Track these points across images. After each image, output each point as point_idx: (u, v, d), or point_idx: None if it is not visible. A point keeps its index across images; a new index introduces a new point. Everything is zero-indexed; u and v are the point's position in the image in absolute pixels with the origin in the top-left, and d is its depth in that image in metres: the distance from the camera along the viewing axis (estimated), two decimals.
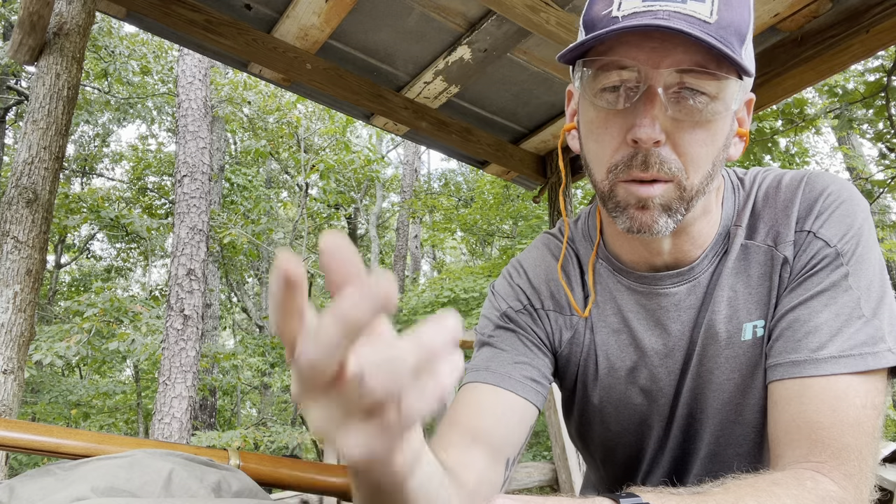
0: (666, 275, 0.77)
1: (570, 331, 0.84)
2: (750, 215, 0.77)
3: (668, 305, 0.78)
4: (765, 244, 0.75)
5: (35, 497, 0.57)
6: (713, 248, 0.77)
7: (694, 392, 0.80)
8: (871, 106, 4.49)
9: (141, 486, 0.60)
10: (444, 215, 11.78)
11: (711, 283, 0.77)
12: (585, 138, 0.72)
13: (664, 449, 0.85)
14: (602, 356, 0.83)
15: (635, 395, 0.83)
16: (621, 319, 0.81)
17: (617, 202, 0.68)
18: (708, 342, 0.77)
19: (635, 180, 0.65)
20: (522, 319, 0.84)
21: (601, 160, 0.68)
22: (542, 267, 0.87)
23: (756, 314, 0.74)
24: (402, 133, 2.86)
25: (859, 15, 2.10)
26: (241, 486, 0.68)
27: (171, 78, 11.08)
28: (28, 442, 0.67)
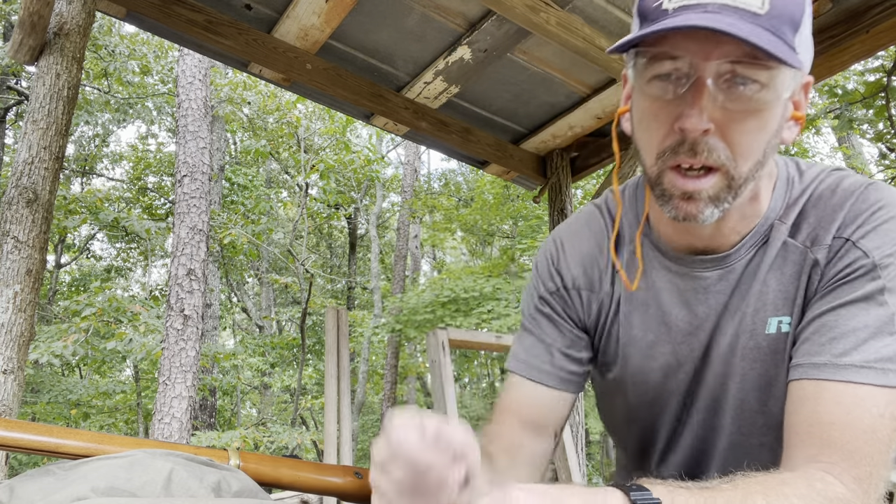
0: (701, 259, 0.78)
1: (597, 305, 0.87)
2: (798, 213, 0.76)
3: (698, 288, 0.79)
4: (802, 244, 0.75)
5: (35, 497, 0.57)
6: (752, 238, 0.77)
7: (716, 377, 0.81)
8: (871, 106, 4.49)
9: (141, 486, 0.60)
10: (445, 215, 11.78)
11: (746, 272, 0.77)
12: (637, 125, 0.73)
13: (682, 431, 0.86)
14: (625, 329, 0.85)
15: (655, 369, 0.84)
16: (652, 295, 0.82)
17: (663, 189, 0.69)
18: (733, 329, 0.78)
19: (682, 168, 0.66)
20: (557, 302, 0.89)
21: (650, 147, 0.69)
22: (580, 241, 0.89)
23: (783, 310, 0.75)
24: (403, 133, 2.86)
25: (859, 15, 2.10)
26: (241, 486, 0.68)
27: (171, 78, 11.08)
28: (28, 442, 0.67)
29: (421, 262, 13.75)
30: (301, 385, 10.65)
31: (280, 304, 16.48)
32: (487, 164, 3.16)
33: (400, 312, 8.33)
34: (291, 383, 13.71)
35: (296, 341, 10.82)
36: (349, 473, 0.93)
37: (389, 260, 15.49)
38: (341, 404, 3.41)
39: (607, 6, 2.17)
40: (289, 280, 12.24)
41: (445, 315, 7.60)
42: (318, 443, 8.84)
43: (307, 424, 13.15)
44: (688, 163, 0.65)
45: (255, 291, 16.48)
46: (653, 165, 0.69)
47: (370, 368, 12.37)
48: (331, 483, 0.91)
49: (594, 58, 2.20)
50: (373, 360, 13.09)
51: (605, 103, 2.76)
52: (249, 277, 15.76)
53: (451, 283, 8.03)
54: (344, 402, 3.44)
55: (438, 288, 7.98)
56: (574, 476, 3.05)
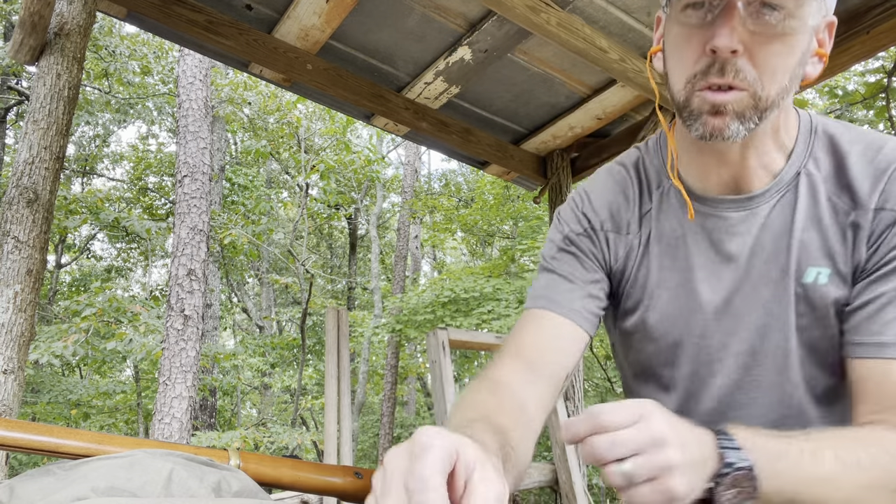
0: (725, 199, 0.80)
1: (625, 249, 0.88)
2: (836, 167, 0.78)
3: (723, 228, 0.81)
4: (845, 203, 0.76)
5: (35, 497, 0.57)
6: (778, 184, 0.79)
7: (748, 320, 0.80)
8: (872, 107, 4.49)
9: (141, 485, 0.60)
10: (445, 216, 11.78)
11: (777, 218, 0.79)
12: (669, 55, 0.76)
13: (707, 380, 0.84)
14: (652, 272, 0.86)
15: (680, 313, 0.84)
16: (679, 235, 0.84)
17: (691, 110, 0.72)
18: (769, 273, 0.78)
19: (711, 87, 0.69)
20: (583, 243, 0.89)
21: (681, 72, 0.72)
22: (604, 190, 0.91)
23: (822, 262, 0.76)
24: (403, 133, 2.86)
25: (860, 16, 2.10)
26: (241, 486, 0.68)
27: (172, 78, 11.08)
28: (28, 442, 0.67)
29: (421, 262, 13.75)
30: (301, 385, 10.65)
31: (280, 304, 16.48)
32: (488, 165, 3.16)
33: (400, 313, 8.33)
34: (292, 383, 13.71)
35: (296, 341, 10.82)
36: (349, 473, 0.93)
37: (390, 260, 15.49)
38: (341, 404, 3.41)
39: (607, 6, 2.17)
40: (289, 280, 12.24)
41: (445, 315, 7.60)
42: (319, 443, 8.84)
43: (307, 425, 13.15)
44: (717, 83, 0.69)
45: (256, 292, 16.48)
46: (682, 90, 0.73)
47: (370, 369, 12.37)
48: (331, 483, 0.91)
49: (594, 58, 2.20)
50: (373, 360, 13.09)
51: (605, 104, 2.76)
52: (250, 278, 15.76)
53: (452, 283, 8.03)
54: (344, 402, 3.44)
55: (438, 288, 7.98)
56: (574, 477, 3.05)
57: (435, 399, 3.50)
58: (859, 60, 2.18)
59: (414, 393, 13.86)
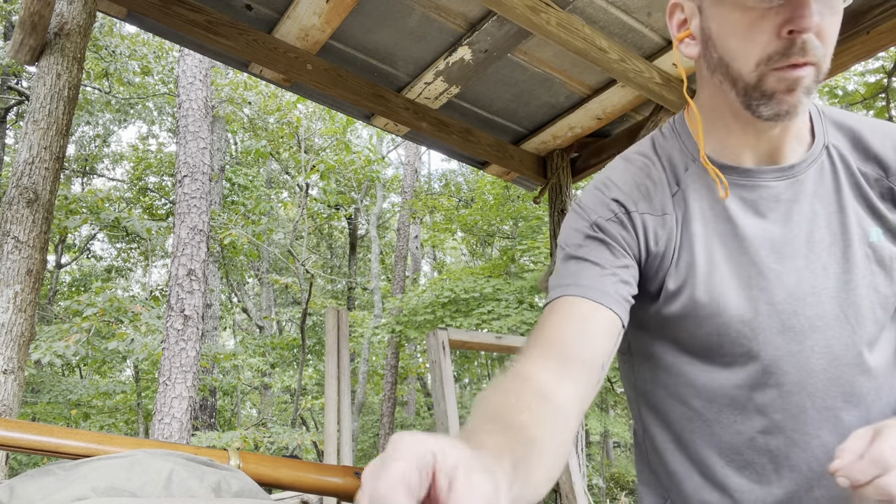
0: (766, 169, 0.81)
1: (665, 230, 0.83)
2: (856, 141, 0.82)
3: (769, 197, 0.81)
4: (864, 164, 0.82)
5: (35, 497, 0.57)
6: (812, 155, 0.82)
7: (821, 285, 0.79)
8: (872, 107, 4.49)
9: (141, 485, 0.60)
10: (445, 216, 11.78)
11: (821, 185, 0.81)
12: (726, 39, 0.75)
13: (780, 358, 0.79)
14: (700, 247, 0.82)
15: (735, 288, 0.80)
16: (720, 209, 0.82)
17: (764, 91, 0.73)
18: (834, 237, 0.79)
19: (789, 66, 0.71)
20: (613, 229, 0.83)
21: (749, 55, 0.73)
22: (630, 174, 0.87)
23: (876, 223, 0.80)
24: (403, 133, 2.86)
25: (860, 16, 2.10)
26: (241, 487, 0.68)
27: (172, 78, 11.08)
28: (28, 442, 0.67)
29: (421, 262, 13.75)
30: (301, 385, 10.65)
31: (280, 304, 16.48)
32: (488, 165, 3.16)
33: (400, 313, 8.33)
34: (291, 384, 13.71)
35: (296, 342, 10.83)
36: (349, 473, 0.93)
37: (390, 260, 15.49)
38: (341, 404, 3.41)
39: (607, 6, 2.17)
40: (289, 280, 12.24)
41: (445, 316, 7.60)
42: (318, 443, 8.84)
43: (307, 425, 13.15)
44: (800, 62, 0.71)
45: (256, 292, 16.48)
46: (752, 72, 0.73)
47: (370, 369, 12.38)
48: (331, 483, 0.91)
49: (594, 58, 2.20)
50: (373, 360, 13.09)
51: (605, 104, 2.76)
52: (250, 278, 15.76)
53: (452, 283, 8.03)
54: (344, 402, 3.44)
55: (438, 288, 7.98)
56: (574, 477, 3.05)
57: (435, 399, 3.50)
58: (859, 60, 2.18)
59: (414, 393, 13.86)
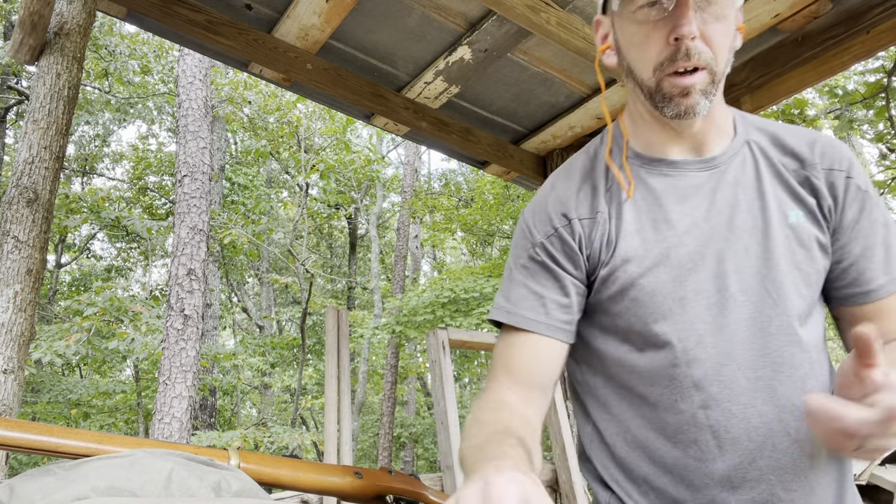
0: (691, 160, 0.90)
1: (600, 228, 0.90)
2: (775, 139, 0.91)
3: (695, 185, 0.89)
4: (783, 156, 0.90)
5: (35, 497, 0.57)
6: (732, 150, 0.90)
7: (747, 265, 0.85)
8: (872, 107, 4.49)
9: (141, 485, 0.60)
10: (445, 215, 11.78)
11: (743, 175, 0.89)
12: (629, 50, 0.86)
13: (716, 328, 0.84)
14: (632, 234, 0.89)
15: (667, 264, 0.86)
16: (652, 199, 0.90)
17: (663, 94, 0.82)
18: (755, 220, 0.86)
19: (678, 72, 0.80)
20: (555, 247, 0.91)
21: (647, 63, 0.83)
22: (568, 183, 0.95)
23: (796, 206, 0.87)
24: (403, 133, 2.86)
25: (860, 16, 2.10)
26: (241, 486, 0.68)
27: (172, 78, 11.08)
28: (28, 441, 0.67)
29: (421, 262, 13.75)
30: (301, 385, 10.65)
31: (280, 304, 16.48)
32: (487, 164, 3.16)
33: (400, 313, 8.33)
34: (291, 383, 13.71)
35: (296, 341, 10.83)
36: (349, 473, 0.93)
37: (389, 260, 15.49)
38: (341, 404, 3.41)
39: None
40: (289, 280, 12.24)
41: (445, 316, 7.60)
42: (318, 443, 8.84)
43: (307, 424, 13.16)
44: (683, 66, 0.80)
45: (256, 291, 16.48)
46: (651, 77, 0.83)
47: (370, 368, 12.38)
48: (331, 483, 0.91)
49: (594, 58, 2.20)
50: (373, 360, 13.09)
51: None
52: (250, 277, 15.76)
53: (451, 283, 8.03)
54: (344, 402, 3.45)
55: (439, 288, 7.98)
56: (574, 476, 3.05)
57: (435, 399, 3.50)
58: (859, 60, 2.18)
59: (414, 393, 13.86)
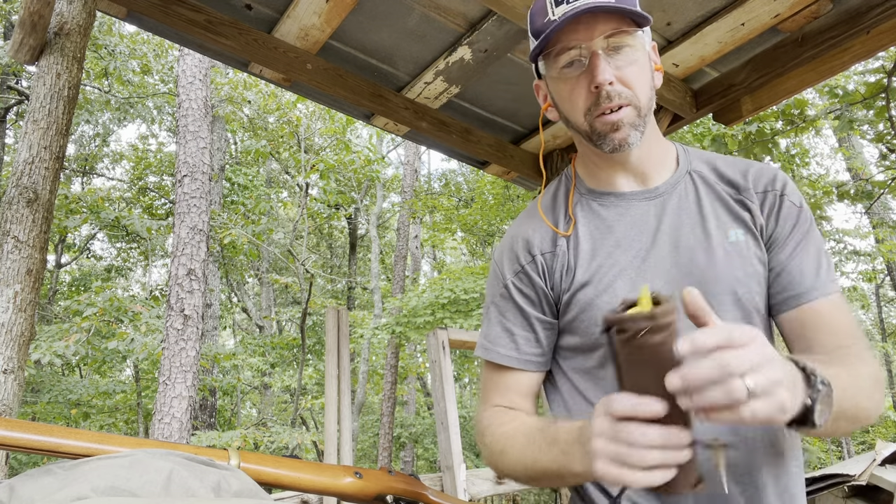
0: (637, 191, 1.01)
1: (559, 261, 1.02)
2: (714, 168, 1.02)
3: (642, 213, 0.99)
4: (731, 189, 0.99)
5: (35, 496, 0.57)
6: (674, 179, 1.01)
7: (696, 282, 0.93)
8: (872, 107, 4.49)
9: (141, 485, 0.60)
10: (445, 215, 11.77)
11: (685, 202, 0.99)
12: (562, 105, 0.98)
13: None
14: (587, 261, 0.99)
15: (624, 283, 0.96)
16: (605, 228, 1.00)
17: (598, 133, 0.94)
18: (698, 244, 0.95)
19: (604, 112, 0.92)
20: (522, 284, 1.04)
21: (577, 111, 0.95)
22: (527, 225, 1.08)
23: (736, 226, 0.96)
24: (403, 133, 2.86)
25: (860, 16, 2.10)
26: (241, 486, 0.68)
27: (172, 77, 11.08)
28: (28, 441, 0.67)
29: (421, 262, 13.74)
30: (301, 385, 10.65)
31: (280, 304, 16.48)
32: (487, 165, 3.15)
33: (400, 313, 8.33)
34: (291, 383, 13.71)
35: (296, 341, 10.82)
36: (349, 473, 0.93)
37: (389, 260, 15.48)
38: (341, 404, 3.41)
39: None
40: (289, 280, 12.24)
41: (445, 317, 7.59)
42: (319, 443, 8.84)
43: (307, 424, 13.15)
44: (608, 107, 0.91)
45: (256, 291, 16.48)
46: (583, 122, 0.95)
47: (370, 368, 12.37)
48: (331, 483, 0.91)
49: None
50: (373, 360, 13.09)
51: None
52: (249, 277, 15.76)
53: (451, 283, 8.02)
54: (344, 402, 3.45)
55: (439, 288, 7.98)
56: None
57: (435, 398, 3.50)
58: (859, 60, 2.18)
59: (414, 392, 13.86)
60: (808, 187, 8.06)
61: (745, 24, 2.16)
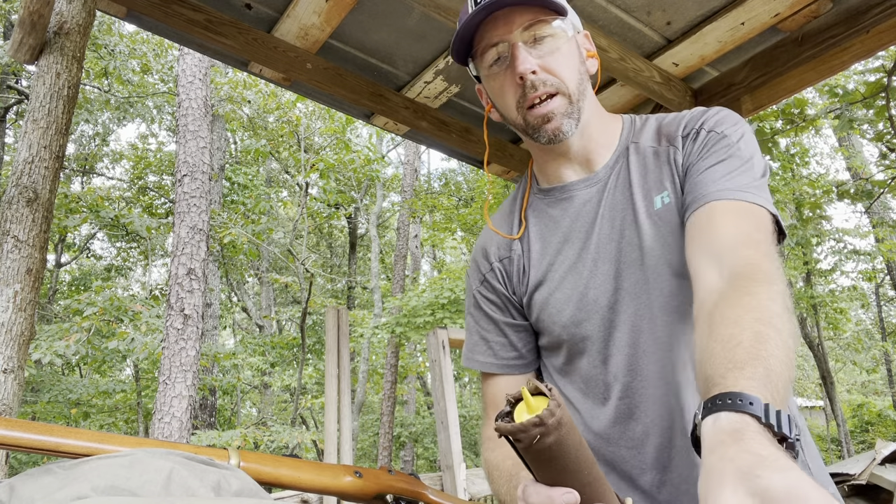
0: (579, 181, 1.00)
1: (514, 265, 1.04)
2: (654, 131, 0.99)
3: (583, 201, 0.99)
4: (662, 145, 0.97)
5: (35, 496, 0.57)
6: (613, 157, 1.00)
7: (632, 261, 0.93)
8: (872, 106, 4.49)
9: (141, 485, 0.60)
10: (445, 215, 11.78)
11: (617, 178, 0.98)
12: (497, 101, 0.99)
13: (617, 325, 0.94)
14: (538, 260, 1.01)
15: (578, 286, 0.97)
16: (553, 226, 1.01)
17: (531, 125, 0.94)
18: (626, 217, 0.94)
19: (533, 104, 0.92)
20: (487, 292, 1.07)
21: (509, 106, 0.95)
22: (487, 235, 1.11)
23: (661, 189, 0.94)
24: (403, 133, 2.86)
25: (860, 15, 2.10)
26: (241, 486, 0.68)
27: (172, 77, 11.07)
28: (28, 441, 0.67)
29: (421, 261, 13.75)
30: (301, 384, 10.65)
31: (280, 303, 16.48)
32: (488, 164, 3.15)
33: (400, 313, 8.33)
34: (291, 383, 13.71)
35: (296, 341, 10.82)
36: (349, 473, 0.93)
37: (389, 259, 15.49)
38: (341, 404, 3.41)
39: (607, 5, 2.17)
40: (289, 279, 12.24)
41: (445, 317, 7.59)
42: (319, 442, 8.84)
43: (307, 424, 13.15)
44: (535, 97, 0.91)
45: (255, 291, 16.48)
46: (517, 116, 0.95)
47: (370, 368, 12.38)
48: (331, 482, 0.91)
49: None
50: (373, 359, 13.09)
51: (604, 103, 2.76)
52: (249, 277, 15.76)
53: (451, 283, 8.02)
54: (344, 401, 3.45)
55: (439, 288, 7.98)
56: None
57: (435, 398, 3.50)
58: (859, 59, 2.18)
59: (414, 392, 13.86)
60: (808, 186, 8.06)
61: (745, 23, 2.16)
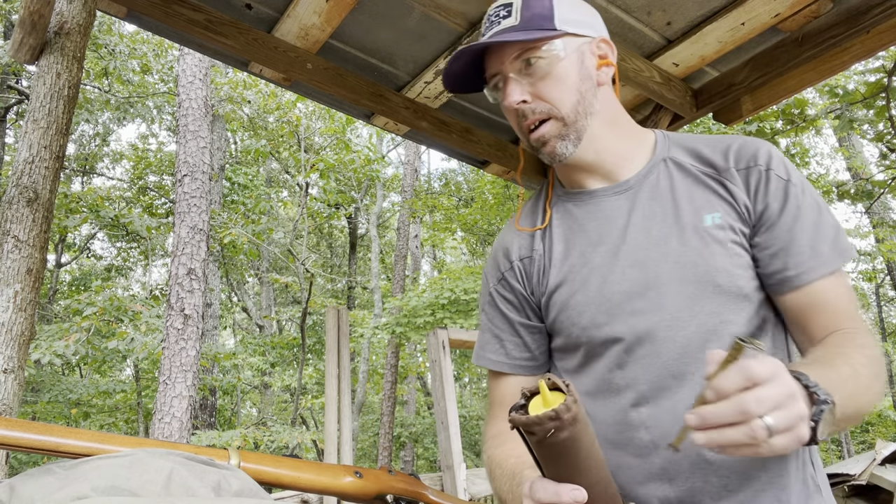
0: (605, 188, 1.01)
1: (534, 265, 1.04)
2: (692, 151, 0.99)
3: (611, 208, 0.99)
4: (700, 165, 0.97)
5: (35, 496, 0.57)
6: (647, 168, 0.99)
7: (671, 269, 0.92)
8: (872, 106, 4.49)
9: (141, 485, 0.60)
10: (445, 215, 11.78)
11: (658, 190, 0.97)
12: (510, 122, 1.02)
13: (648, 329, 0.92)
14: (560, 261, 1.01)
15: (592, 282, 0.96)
16: (577, 227, 1.02)
17: (533, 148, 0.98)
18: (670, 232, 0.93)
19: (529, 129, 0.96)
20: (504, 291, 1.07)
21: (515, 129, 1.00)
22: (509, 232, 1.11)
23: (712, 210, 0.93)
24: (403, 133, 2.86)
25: (860, 15, 2.10)
26: (241, 486, 0.68)
27: (172, 77, 11.08)
28: (28, 441, 0.67)
29: (421, 261, 13.75)
30: (301, 385, 10.65)
31: (280, 303, 16.49)
32: (488, 164, 3.15)
33: (400, 313, 8.33)
34: (292, 383, 13.71)
35: (296, 341, 10.82)
36: (349, 473, 0.93)
37: (390, 260, 15.49)
38: (341, 404, 3.41)
39: (607, 5, 2.17)
40: (289, 280, 12.24)
41: (445, 317, 7.59)
42: (319, 442, 8.84)
43: (307, 424, 13.15)
44: (527, 124, 0.96)
45: (256, 291, 16.48)
46: (524, 138, 1.00)
47: (370, 368, 12.38)
48: (331, 482, 0.91)
49: None
50: (373, 359, 13.09)
51: None
52: (250, 277, 15.76)
53: (452, 283, 8.02)
54: (344, 401, 3.45)
55: (439, 288, 7.98)
56: None
57: (435, 398, 3.50)
58: (859, 60, 2.18)
59: (414, 392, 13.86)
60: None
61: (746, 23, 2.16)
